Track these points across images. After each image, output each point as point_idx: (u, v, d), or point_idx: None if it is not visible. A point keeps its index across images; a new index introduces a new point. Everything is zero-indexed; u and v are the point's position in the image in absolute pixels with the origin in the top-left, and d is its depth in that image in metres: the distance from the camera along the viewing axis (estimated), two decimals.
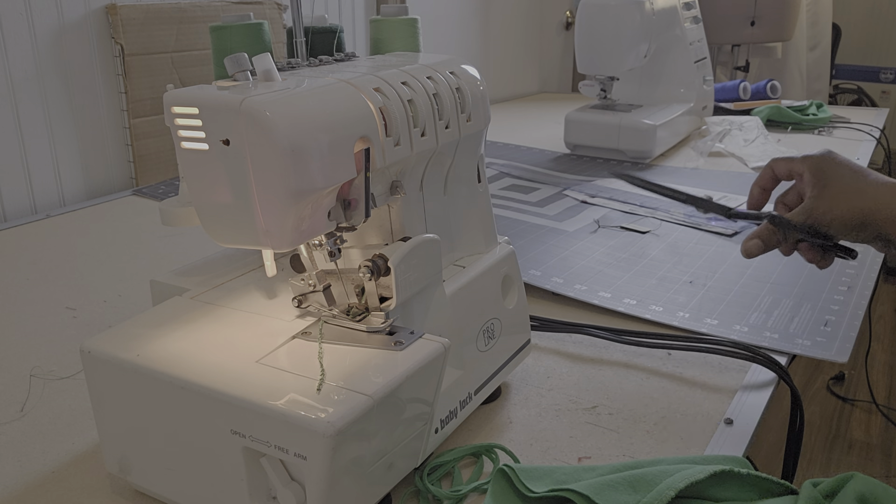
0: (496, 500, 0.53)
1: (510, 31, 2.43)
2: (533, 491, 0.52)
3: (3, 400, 0.68)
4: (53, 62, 1.24)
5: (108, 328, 0.54)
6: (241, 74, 0.50)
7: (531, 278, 0.91)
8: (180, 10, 1.38)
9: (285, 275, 0.59)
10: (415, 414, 0.51)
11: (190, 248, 1.05)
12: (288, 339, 0.52)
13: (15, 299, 0.89)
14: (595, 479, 0.52)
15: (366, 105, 0.52)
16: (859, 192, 0.62)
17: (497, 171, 1.45)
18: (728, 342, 0.74)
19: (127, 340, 0.52)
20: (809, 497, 0.49)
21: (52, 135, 1.26)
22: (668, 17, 1.59)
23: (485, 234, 0.68)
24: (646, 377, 0.72)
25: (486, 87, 0.64)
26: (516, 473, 0.54)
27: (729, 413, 0.65)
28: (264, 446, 0.45)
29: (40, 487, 0.56)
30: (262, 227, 0.49)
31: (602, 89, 1.56)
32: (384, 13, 0.71)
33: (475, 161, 0.67)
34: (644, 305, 0.84)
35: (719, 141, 1.58)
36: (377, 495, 0.50)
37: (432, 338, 0.52)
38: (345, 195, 0.52)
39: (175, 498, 0.52)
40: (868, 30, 4.01)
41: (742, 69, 2.51)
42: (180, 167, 0.52)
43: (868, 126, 1.75)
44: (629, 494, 0.51)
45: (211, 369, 0.48)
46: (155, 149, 1.40)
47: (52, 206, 1.28)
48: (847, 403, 2.23)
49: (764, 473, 0.53)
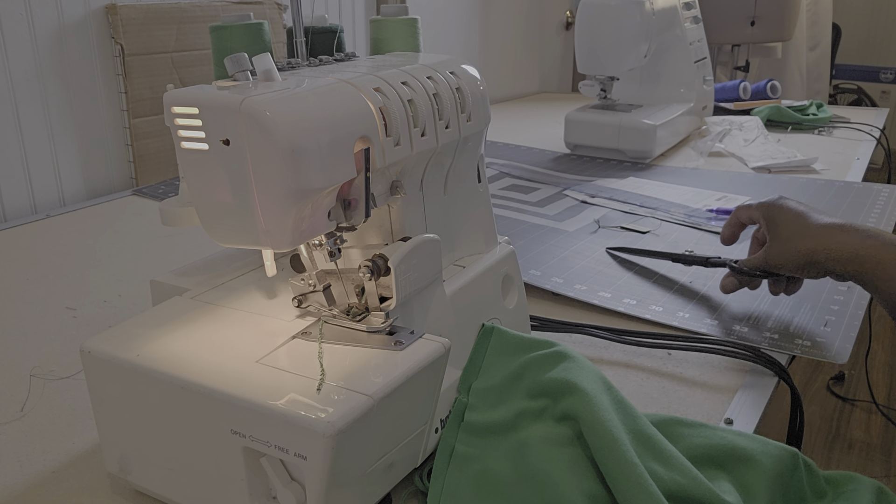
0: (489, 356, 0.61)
1: (510, 31, 2.43)
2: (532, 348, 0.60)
3: (3, 400, 0.68)
4: (53, 62, 1.24)
5: (108, 328, 0.54)
6: (241, 74, 0.50)
7: (531, 278, 0.91)
8: (180, 10, 1.38)
9: (285, 275, 0.59)
10: (415, 414, 0.51)
11: (190, 248, 1.05)
12: (288, 339, 0.52)
13: (15, 299, 0.89)
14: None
15: (366, 105, 0.52)
16: (801, 236, 0.69)
17: (497, 171, 1.45)
18: (728, 342, 0.74)
19: (127, 340, 0.52)
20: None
21: (52, 135, 1.26)
22: (668, 17, 1.59)
23: (485, 234, 0.68)
24: (646, 377, 0.72)
25: (486, 87, 0.64)
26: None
27: (729, 413, 0.65)
28: (264, 446, 0.45)
29: (40, 487, 0.56)
30: (262, 227, 0.49)
31: (602, 89, 1.56)
32: (384, 13, 0.71)
33: (475, 161, 0.67)
34: (644, 305, 0.84)
35: (719, 141, 1.58)
36: (377, 495, 0.50)
37: (432, 338, 0.52)
38: (345, 195, 0.52)
39: (175, 498, 0.52)
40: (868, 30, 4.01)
41: (742, 69, 2.51)
42: (180, 167, 0.52)
43: (868, 126, 1.75)
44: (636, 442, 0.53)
45: (211, 369, 0.48)
46: (155, 149, 1.40)
47: (52, 206, 1.28)
48: (847, 403, 2.23)
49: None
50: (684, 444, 0.56)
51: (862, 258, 0.65)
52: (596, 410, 0.52)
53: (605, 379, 0.57)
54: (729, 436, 0.56)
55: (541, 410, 0.56)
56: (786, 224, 0.71)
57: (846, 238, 0.67)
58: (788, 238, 0.70)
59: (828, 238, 0.68)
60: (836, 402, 2.23)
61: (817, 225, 0.70)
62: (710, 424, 0.58)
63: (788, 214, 0.72)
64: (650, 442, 0.53)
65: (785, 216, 0.72)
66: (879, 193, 1.25)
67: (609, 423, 0.51)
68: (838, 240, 0.67)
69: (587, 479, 0.51)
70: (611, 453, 0.50)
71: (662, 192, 1.28)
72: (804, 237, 0.69)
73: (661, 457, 0.52)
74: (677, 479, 0.50)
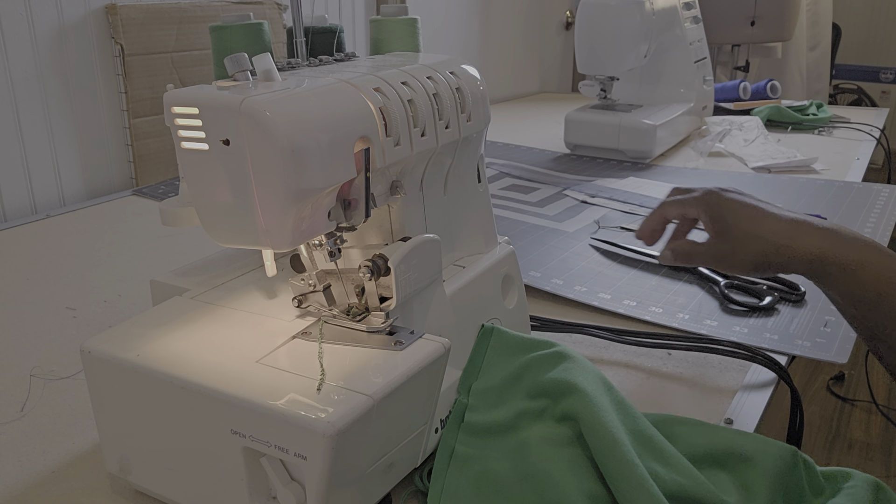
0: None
1: (510, 31, 2.43)
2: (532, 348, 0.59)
3: (3, 400, 0.68)
4: (53, 62, 1.24)
5: (108, 328, 0.54)
6: (241, 74, 0.50)
7: (531, 280, 0.91)
8: (180, 10, 1.38)
9: (285, 275, 0.59)
10: (415, 414, 0.51)
11: (190, 248, 1.05)
12: (288, 339, 0.52)
13: (15, 299, 0.89)
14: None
15: (366, 105, 0.52)
16: (756, 236, 0.62)
17: (497, 171, 1.45)
18: (728, 342, 0.74)
19: (127, 340, 0.52)
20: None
21: (52, 135, 1.26)
22: (668, 17, 1.59)
23: (485, 234, 0.68)
24: (646, 377, 0.72)
25: (486, 87, 0.64)
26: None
27: (729, 413, 0.65)
28: (264, 446, 0.45)
29: (40, 487, 0.56)
30: (262, 227, 0.49)
31: (602, 89, 1.56)
32: (384, 13, 0.71)
33: (475, 161, 0.67)
34: (644, 307, 0.84)
35: (719, 141, 1.58)
36: (377, 495, 0.50)
37: (432, 338, 0.52)
38: (345, 195, 0.52)
39: (175, 498, 0.52)
40: (868, 30, 4.01)
41: (742, 69, 2.51)
42: (180, 167, 0.52)
43: (868, 126, 1.75)
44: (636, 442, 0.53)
45: (211, 369, 0.48)
46: (155, 149, 1.40)
47: (52, 206, 1.28)
48: (847, 403, 2.23)
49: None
50: (684, 444, 0.56)
51: (825, 259, 0.59)
52: (596, 411, 0.52)
53: (605, 379, 0.57)
54: (729, 435, 0.56)
55: (541, 411, 0.56)
56: (738, 224, 0.63)
57: (807, 239, 0.61)
58: (742, 239, 0.63)
59: (787, 238, 0.61)
60: (835, 402, 2.23)
61: (774, 223, 0.63)
62: (710, 424, 0.58)
63: (739, 213, 0.64)
64: (650, 442, 0.53)
65: (735, 215, 0.64)
66: (879, 193, 1.25)
67: (609, 424, 0.51)
68: (800, 241, 0.61)
69: (587, 480, 0.51)
70: (611, 453, 0.50)
71: (662, 193, 1.28)
72: (760, 238, 0.62)
73: (661, 457, 0.52)
74: (677, 479, 0.50)
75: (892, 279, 0.57)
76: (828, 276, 0.60)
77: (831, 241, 0.60)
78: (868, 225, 1.10)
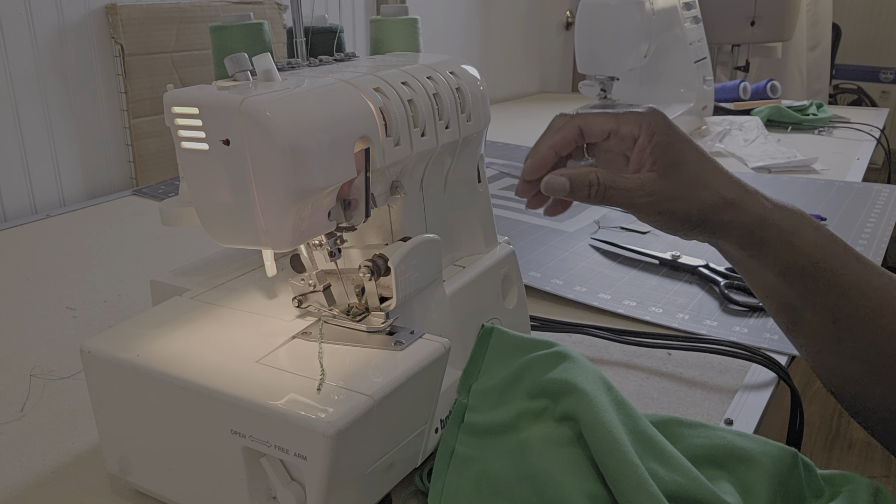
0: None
1: (510, 31, 2.43)
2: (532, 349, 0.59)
3: (3, 400, 0.68)
4: (53, 62, 1.24)
5: (108, 328, 0.54)
6: (241, 74, 0.50)
7: (531, 280, 0.91)
8: (180, 10, 1.38)
9: (285, 275, 0.59)
10: (415, 414, 0.51)
11: (190, 248, 1.05)
12: (288, 339, 0.52)
13: (15, 299, 0.89)
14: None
15: (366, 105, 0.52)
16: (705, 184, 0.53)
17: (497, 171, 1.45)
18: (728, 342, 0.74)
19: (127, 340, 0.52)
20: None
21: (52, 135, 1.26)
22: (668, 17, 1.59)
23: (485, 234, 0.68)
24: (646, 377, 0.72)
25: (486, 87, 0.64)
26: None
27: (729, 413, 0.65)
28: (264, 446, 0.45)
29: (40, 487, 0.56)
30: (262, 227, 0.49)
31: (602, 89, 1.56)
32: (384, 13, 0.71)
33: (475, 161, 0.67)
34: (644, 307, 0.84)
35: (719, 141, 1.58)
36: (377, 495, 0.50)
37: (432, 338, 0.52)
38: (345, 195, 0.52)
39: (175, 498, 0.52)
40: (868, 30, 4.01)
41: (742, 69, 2.51)
42: (180, 167, 0.52)
43: (868, 126, 1.75)
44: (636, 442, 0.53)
45: (211, 369, 0.48)
46: (155, 149, 1.40)
47: (52, 206, 1.28)
48: None
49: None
50: (684, 445, 0.56)
51: (766, 223, 0.52)
52: (596, 411, 0.52)
53: (606, 379, 0.57)
54: (729, 436, 0.56)
55: (541, 411, 0.56)
56: (690, 164, 0.53)
57: (753, 200, 0.53)
58: (690, 185, 0.52)
59: (736, 195, 0.53)
60: (835, 402, 2.23)
61: (723, 176, 0.54)
62: (710, 424, 0.58)
63: (690, 151, 0.54)
64: (650, 442, 0.53)
65: (688, 152, 0.54)
66: (879, 193, 1.25)
67: (609, 424, 0.51)
68: (747, 201, 0.53)
69: (587, 480, 0.51)
70: (611, 454, 0.50)
71: None
72: (709, 188, 0.52)
73: (661, 457, 0.52)
74: (677, 479, 0.50)
75: (827, 246, 0.53)
76: (765, 243, 0.53)
77: (771, 204, 0.54)
78: (868, 225, 1.10)
